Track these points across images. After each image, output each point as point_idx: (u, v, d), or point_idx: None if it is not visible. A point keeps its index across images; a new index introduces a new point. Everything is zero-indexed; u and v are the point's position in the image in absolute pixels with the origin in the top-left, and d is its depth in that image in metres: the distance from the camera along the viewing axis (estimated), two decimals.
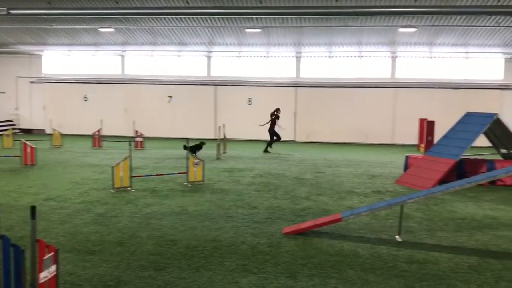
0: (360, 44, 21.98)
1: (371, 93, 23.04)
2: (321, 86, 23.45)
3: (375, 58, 23.20)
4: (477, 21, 17.90)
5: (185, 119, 24.22)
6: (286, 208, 8.80)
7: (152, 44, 23.22)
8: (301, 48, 23.15)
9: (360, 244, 6.62)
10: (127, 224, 7.46)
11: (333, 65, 23.66)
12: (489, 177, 7.53)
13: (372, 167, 14.57)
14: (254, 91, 24.00)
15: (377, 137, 22.90)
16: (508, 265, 5.89)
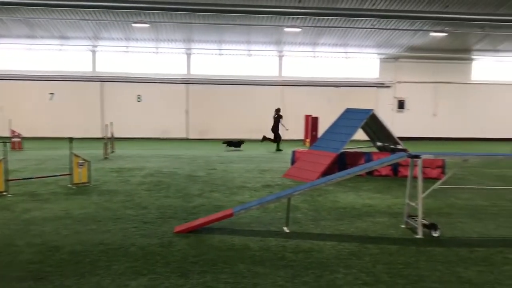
0: (249, 43, 22.47)
1: (260, 90, 23.68)
2: (213, 83, 23.58)
3: (263, 56, 23.87)
4: (355, 23, 19.25)
5: (69, 118, 22.83)
6: (178, 206, 8.70)
7: (29, 37, 21.51)
8: (191, 45, 23.05)
9: (251, 237, 6.77)
10: (2, 232, 6.84)
11: (224, 62, 23.90)
12: (366, 168, 8.13)
13: (263, 162, 15.00)
14: (143, 87, 23.38)
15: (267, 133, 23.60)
16: (384, 249, 6.42)
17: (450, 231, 7.32)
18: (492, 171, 13.44)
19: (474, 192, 10.18)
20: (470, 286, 5.15)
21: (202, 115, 23.59)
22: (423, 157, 7.39)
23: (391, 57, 23.95)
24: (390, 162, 8.48)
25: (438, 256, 6.15)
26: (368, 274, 5.44)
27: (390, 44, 22.30)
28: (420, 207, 7.14)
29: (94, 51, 23.28)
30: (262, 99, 23.64)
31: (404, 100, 24.06)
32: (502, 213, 8.60)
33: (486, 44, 22.24)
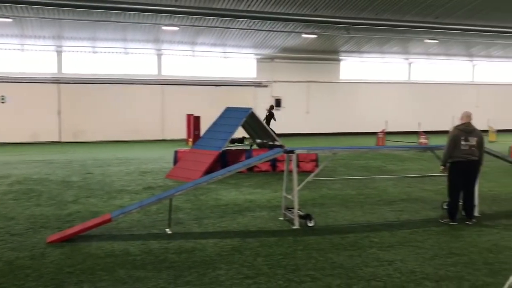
0: (125, 41, 21.74)
1: (139, 90, 23.06)
2: (87, 83, 22.37)
3: (141, 55, 23.26)
4: (232, 24, 19.62)
5: None
6: (50, 215, 8.13)
7: None
8: (62, 42, 21.62)
9: (131, 242, 6.59)
10: None
11: (99, 61, 22.81)
12: (245, 164, 8.37)
13: (143, 163, 14.63)
14: (8, 87, 21.39)
15: (148, 134, 23.08)
16: (264, 242, 6.67)
17: (324, 220, 7.85)
18: (359, 162, 14.65)
19: (343, 183, 11.02)
20: (341, 270, 5.57)
21: (76, 116, 22.26)
22: (297, 152, 7.82)
23: (267, 57, 24.87)
24: (268, 158, 8.83)
25: (313, 244, 6.55)
26: (249, 268, 5.61)
27: (266, 45, 23.15)
28: (295, 199, 7.54)
29: None
30: (142, 99, 23.04)
31: (281, 99, 25.17)
32: (367, 200, 9.43)
33: (351, 45, 24.13)
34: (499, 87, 28.58)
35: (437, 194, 9.70)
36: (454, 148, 7.60)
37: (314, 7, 17.05)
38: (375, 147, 16.33)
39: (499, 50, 25.71)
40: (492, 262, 5.83)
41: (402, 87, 27.27)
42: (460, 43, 23.98)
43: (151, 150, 18.88)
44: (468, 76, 28.71)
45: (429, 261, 5.88)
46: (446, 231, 7.25)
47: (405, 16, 18.16)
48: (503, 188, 10.58)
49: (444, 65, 28.01)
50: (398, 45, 24.35)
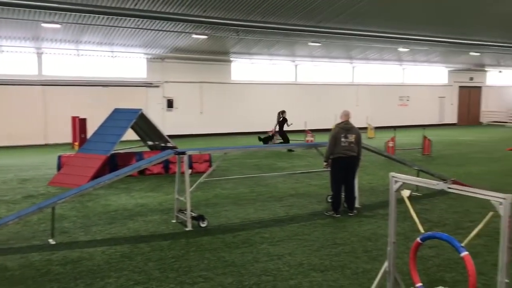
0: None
1: (16, 91, 21.28)
2: None
3: (19, 53, 21.48)
4: (120, 22, 18.92)
5: None
6: None
7: None
8: None
9: (9, 256, 6.07)
10: None
11: None
12: (135, 167, 8.12)
13: (23, 170, 13.54)
14: None
15: (28, 138, 21.39)
16: (155, 246, 6.55)
17: (217, 220, 7.91)
18: (251, 161, 14.99)
19: (236, 182, 11.19)
20: (234, 267, 5.66)
21: None
22: (188, 153, 7.78)
23: (158, 57, 24.37)
24: (159, 160, 8.66)
25: (206, 244, 6.58)
26: (140, 274, 5.48)
27: (156, 45, 22.66)
28: (188, 200, 7.50)
29: None
30: (20, 101, 21.26)
31: (173, 99, 24.83)
32: (259, 197, 9.68)
33: (241, 47, 24.56)
34: (376, 87, 31.03)
35: (322, 188, 10.26)
36: (335, 145, 8.11)
37: (203, 8, 17.07)
38: (265, 145, 16.83)
39: (375, 53, 27.90)
40: (371, 250, 6.32)
41: (290, 88, 28.40)
42: (340, 46, 25.57)
43: (32, 156, 17.52)
44: (349, 77, 30.76)
45: (316, 253, 6.20)
46: (331, 223, 7.71)
47: (290, 20, 18.92)
48: (381, 180, 11.51)
49: (327, 67, 29.70)
50: (285, 48, 25.30)
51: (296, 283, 5.17)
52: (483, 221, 3.59)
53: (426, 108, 32.86)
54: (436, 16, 19.93)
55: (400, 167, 11.45)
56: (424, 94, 32.93)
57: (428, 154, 16.33)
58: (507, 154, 16.77)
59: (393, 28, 21.05)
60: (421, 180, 4.41)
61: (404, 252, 5.79)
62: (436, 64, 32.10)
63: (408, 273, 4.48)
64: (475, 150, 18.14)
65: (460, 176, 11.79)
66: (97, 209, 8.74)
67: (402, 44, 24.91)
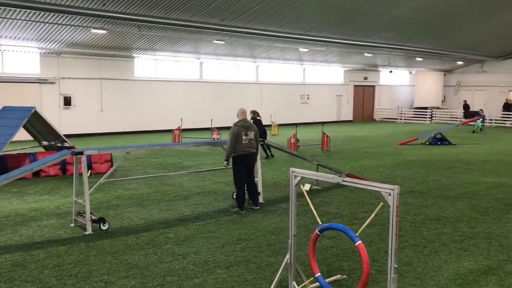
0: None
1: None
2: None
3: None
4: (9, 13, 17.50)
5: None
6: None
7: None
8: None
9: None
10: None
11: None
12: (28, 169, 7.57)
13: None
14: None
15: None
16: (52, 252, 6.16)
17: (119, 222, 7.64)
18: (156, 160, 14.67)
19: (140, 182, 10.89)
20: (137, 270, 5.51)
21: None
22: (86, 153, 7.42)
23: (54, 52, 22.90)
24: (55, 161, 8.17)
25: (107, 248, 6.32)
26: (34, 282, 5.13)
27: (51, 39, 21.26)
28: (87, 203, 7.16)
29: None
30: None
31: (70, 97, 23.47)
32: (163, 197, 9.51)
33: (144, 43, 23.88)
34: (279, 86, 31.93)
35: (228, 186, 10.34)
36: (236, 143, 8.22)
37: (102, 2, 16.36)
38: (168, 144, 16.56)
39: (277, 52, 28.68)
40: (274, 244, 6.50)
41: (195, 86, 28.23)
42: (244, 45, 25.92)
43: None
44: (253, 76, 31.32)
45: (221, 249, 6.24)
46: (236, 220, 7.80)
47: (194, 17, 18.80)
48: (284, 175, 11.87)
49: (232, 65, 29.98)
50: (189, 45, 25.07)
51: (201, 281, 5.16)
52: (374, 211, 3.85)
53: (325, 106, 34.51)
54: (333, 18, 21.01)
55: (302, 163, 11.91)
56: (323, 93, 34.54)
57: (327, 149, 17.15)
58: (397, 148, 18.16)
59: (294, 28, 21.83)
60: (319, 174, 4.62)
61: (305, 244, 6.03)
62: (333, 64, 33.83)
63: (309, 264, 4.68)
64: (369, 145, 19.40)
65: (356, 170, 12.55)
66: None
67: (302, 44, 25.87)
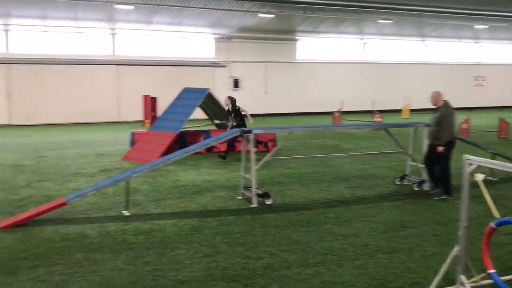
0: (77, 19, 20.97)
1: (93, 70, 22.40)
2: (39, 63, 21.50)
3: (94, 34, 22.54)
4: (188, 3, 19.30)
5: None
6: (2, 200, 7.88)
7: None
8: (9, 21, 20.61)
9: (88, 225, 6.50)
10: None
11: (50, 40, 21.94)
12: (203, 145, 8.36)
13: (99, 146, 14.33)
14: None
15: (103, 116, 22.54)
16: (222, 221, 6.74)
17: (281, 198, 7.99)
18: (316, 142, 14.90)
19: (300, 161, 11.20)
20: (298, 245, 5.72)
21: (28, 98, 21.43)
22: (254, 132, 7.88)
23: (225, 37, 24.65)
24: (226, 138, 8.84)
25: (271, 221, 6.68)
26: (208, 246, 5.67)
27: (223, 24, 22.92)
28: (253, 178, 7.62)
29: None
30: (96, 80, 22.40)
31: (239, 79, 25.09)
32: (323, 178, 9.64)
33: (308, 25, 24.25)
34: (449, 66, 29.53)
35: (390, 171, 10.03)
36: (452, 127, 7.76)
37: None
38: (330, 125, 16.64)
39: (449, 30, 26.51)
40: (440, 234, 6.13)
41: (357, 67, 27.72)
42: (412, 23, 24.54)
43: (106, 132, 18.49)
44: (420, 55, 29.48)
45: (382, 234, 6.12)
46: (398, 206, 7.54)
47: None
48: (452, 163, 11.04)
49: (397, 45, 28.63)
50: (353, 25, 24.67)
51: (362, 264, 5.14)
52: None
53: (504, 89, 30.86)
54: None
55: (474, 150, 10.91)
56: (502, 74, 30.91)
57: (505, 137, 15.43)
58: None
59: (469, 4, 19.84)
60: (498, 163, 4.20)
61: (475, 238, 5.57)
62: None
63: (479, 259, 4.33)
64: None
65: None
66: (167, 184, 9.10)
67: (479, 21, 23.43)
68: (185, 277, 4.80)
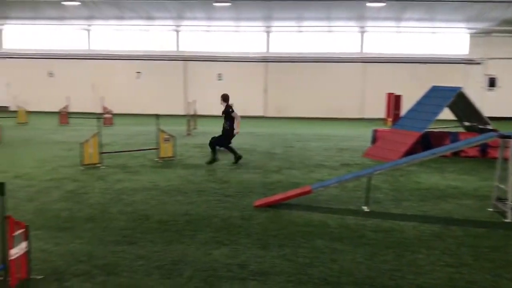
0: (329, 19, 22.04)
1: (340, 68, 23.26)
2: (291, 61, 23.50)
3: (344, 33, 23.35)
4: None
5: (154, 95, 23.92)
6: (257, 182, 8.91)
7: (119, 18, 22.64)
8: (271, 23, 23.05)
9: (329, 215, 6.80)
10: (98, 201, 7.44)
11: (303, 40, 23.70)
12: (452, 148, 7.80)
13: (341, 141, 14.84)
14: (223, 66, 23.85)
15: (347, 112, 23.22)
16: (469, 231, 6.18)
17: None
18: None
19: None
20: None
21: (280, 93, 23.68)
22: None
23: (483, 31, 22.39)
24: (478, 143, 8.06)
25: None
26: (452, 256, 5.29)
27: (482, 18, 20.82)
28: (510, 190, 6.74)
29: (177, 31, 24.07)
30: (343, 77, 23.21)
31: (496, 78, 22.48)
32: None
33: None
34: None
35: None
36: None
37: None
38: None
39: None
40: None
41: None
42: None
43: (349, 128, 19.00)
44: None
45: None
46: None
47: None
48: None
49: None
50: None
51: None
52: None
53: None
54: None
55: None
56: None
57: None
58: None
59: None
60: None
61: None
62: None
63: None
64: None
65: None
66: (409, 185, 8.82)
67: None
68: (425, 283, 4.58)
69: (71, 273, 4.72)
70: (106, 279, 4.61)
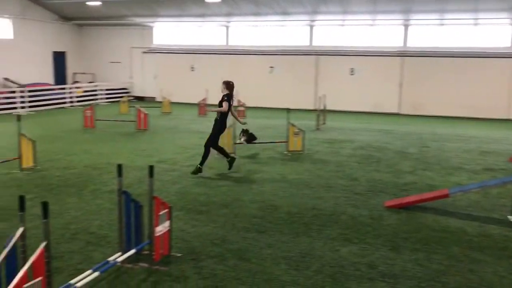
0: (476, 11, 20.27)
1: (486, 64, 21.28)
2: (431, 56, 22.14)
3: (493, 25, 21.31)
4: None
5: (285, 90, 24.34)
6: (388, 181, 8.60)
7: (255, 14, 23.44)
8: (410, 16, 21.94)
9: (468, 222, 6.31)
10: (231, 188, 7.82)
11: (444, 33, 22.17)
12: None
13: (484, 143, 13.61)
14: (356, 61, 23.34)
15: (491, 112, 21.23)
16: None
17: None
18: None
19: None
20: None
21: (416, 89, 22.45)
22: None
23: None
24: None
25: None
26: None
27: None
28: None
29: (311, 25, 24.13)
30: (487, 74, 21.21)
31: None
32: None
33: None
34: None
35: None
36: None
37: None
38: None
39: None
40: None
41: None
42: None
43: (494, 129, 17.35)
44: None
45: None
46: None
47: None
48: None
49: None
50: None
51: None
52: None
53: None
54: None
55: None
56: None
57: None
58: None
59: None
60: None
61: None
62: None
63: None
64: None
65: None
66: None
67: None
68: None
69: (206, 254, 5.04)
70: (237, 263, 4.84)
